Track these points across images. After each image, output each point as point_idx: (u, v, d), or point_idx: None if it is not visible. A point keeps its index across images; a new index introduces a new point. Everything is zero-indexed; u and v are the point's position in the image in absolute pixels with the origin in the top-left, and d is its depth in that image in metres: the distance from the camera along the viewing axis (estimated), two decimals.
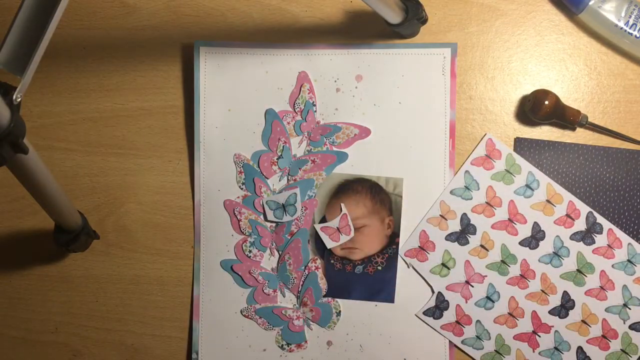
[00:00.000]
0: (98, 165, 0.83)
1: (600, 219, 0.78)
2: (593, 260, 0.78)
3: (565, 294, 0.78)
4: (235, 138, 0.81)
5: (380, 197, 0.80)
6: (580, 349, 0.78)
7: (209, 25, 0.83)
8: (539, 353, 0.78)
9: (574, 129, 0.80)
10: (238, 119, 0.81)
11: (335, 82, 0.81)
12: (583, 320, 0.78)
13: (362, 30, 0.82)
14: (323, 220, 0.81)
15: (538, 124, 0.80)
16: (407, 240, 0.80)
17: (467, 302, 0.79)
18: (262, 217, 0.81)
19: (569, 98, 0.80)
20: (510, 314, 0.79)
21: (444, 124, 0.80)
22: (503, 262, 0.79)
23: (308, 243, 0.81)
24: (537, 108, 0.78)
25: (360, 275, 0.81)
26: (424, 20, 0.78)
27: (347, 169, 0.81)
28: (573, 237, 0.79)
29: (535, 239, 0.79)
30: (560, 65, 0.81)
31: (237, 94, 0.82)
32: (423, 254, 0.80)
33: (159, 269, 0.83)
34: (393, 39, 0.81)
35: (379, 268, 0.80)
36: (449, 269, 0.79)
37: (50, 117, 0.84)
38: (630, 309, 0.78)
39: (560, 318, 0.78)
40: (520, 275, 0.79)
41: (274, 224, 0.81)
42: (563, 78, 0.81)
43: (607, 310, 0.78)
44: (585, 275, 0.78)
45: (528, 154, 0.79)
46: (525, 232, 0.79)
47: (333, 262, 0.81)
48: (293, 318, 0.81)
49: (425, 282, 0.80)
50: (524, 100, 0.80)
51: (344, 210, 0.81)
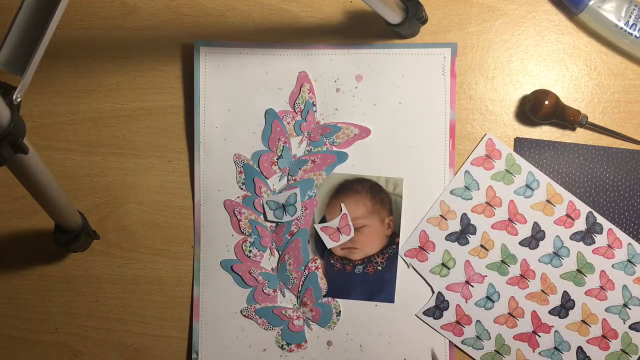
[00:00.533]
0: (98, 165, 0.83)
1: (600, 219, 0.78)
2: (593, 260, 0.78)
3: (565, 294, 0.78)
4: (235, 138, 0.81)
5: (380, 197, 0.80)
6: (580, 349, 0.78)
7: (209, 25, 0.83)
8: (539, 353, 0.78)
9: (574, 129, 0.80)
10: (238, 119, 0.81)
11: (335, 82, 0.81)
12: (583, 320, 0.78)
13: (362, 30, 0.82)
14: (323, 220, 0.81)
15: (538, 124, 0.80)
16: (407, 240, 0.80)
17: (467, 302, 0.79)
18: (262, 217, 0.81)
19: (569, 98, 0.80)
20: (510, 314, 0.79)
21: (444, 124, 0.80)
22: (503, 262, 0.79)
23: (308, 243, 0.81)
24: (537, 108, 0.78)
25: (360, 275, 0.81)
26: (424, 20, 0.78)
27: (347, 169, 0.81)
28: (573, 237, 0.79)
29: (535, 239, 0.79)
30: (560, 65, 0.81)
31: (237, 94, 0.82)
32: (423, 254, 0.80)
33: (159, 269, 0.83)
34: (393, 39, 0.81)
35: (379, 268, 0.80)
36: (449, 269, 0.79)
37: (50, 117, 0.84)
38: (630, 309, 0.78)
39: (560, 318, 0.78)
40: (520, 275, 0.79)
41: (274, 224, 0.81)
42: (563, 78, 0.81)
43: (607, 310, 0.78)
44: (585, 275, 0.78)
45: (528, 154, 0.79)
46: (525, 232, 0.79)
47: (333, 262, 0.81)
48: (293, 318, 0.81)
49: (425, 282, 0.80)
50: (524, 100, 0.80)
51: (344, 210, 0.81)
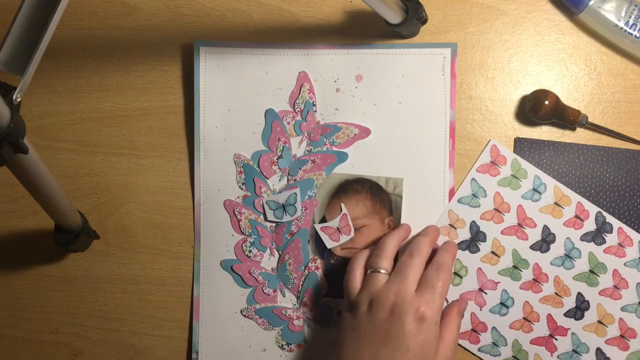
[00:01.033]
0: (98, 165, 0.83)
1: (610, 218, 0.78)
2: (605, 260, 0.78)
3: (580, 296, 0.78)
4: (235, 138, 0.81)
5: (380, 197, 0.80)
6: (599, 350, 0.77)
7: (209, 25, 0.83)
8: (558, 356, 0.78)
9: (574, 129, 0.80)
10: (238, 119, 0.81)
11: (335, 82, 0.81)
12: (599, 321, 0.78)
13: (362, 30, 0.81)
14: (323, 220, 0.81)
15: (538, 124, 0.80)
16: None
17: (481, 309, 0.79)
18: (262, 217, 0.81)
19: (569, 98, 0.80)
20: (526, 319, 0.78)
21: (444, 124, 0.80)
22: (515, 267, 0.79)
23: (308, 243, 0.81)
24: (537, 108, 0.78)
25: None
26: (424, 20, 0.78)
27: (347, 169, 0.81)
28: (583, 237, 0.78)
29: (546, 242, 0.78)
30: (560, 65, 0.81)
31: (237, 94, 0.81)
32: None
33: (159, 269, 0.83)
34: (393, 39, 0.81)
35: None
36: (462, 278, 0.79)
37: (50, 117, 0.84)
38: None
39: (576, 320, 0.78)
40: (533, 280, 0.78)
41: (274, 224, 0.81)
42: (563, 78, 0.81)
43: (622, 310, 0.77)
44: (598, 276, 0.78)
45: (528, 154, 0.79)
46: (536, 236, 0.79)
47: (333, 262, 0.81)
48: (293, 318, 0.81)
49: None
50: (524, 100, 0.80)
51: (344, 210, 0.81)
